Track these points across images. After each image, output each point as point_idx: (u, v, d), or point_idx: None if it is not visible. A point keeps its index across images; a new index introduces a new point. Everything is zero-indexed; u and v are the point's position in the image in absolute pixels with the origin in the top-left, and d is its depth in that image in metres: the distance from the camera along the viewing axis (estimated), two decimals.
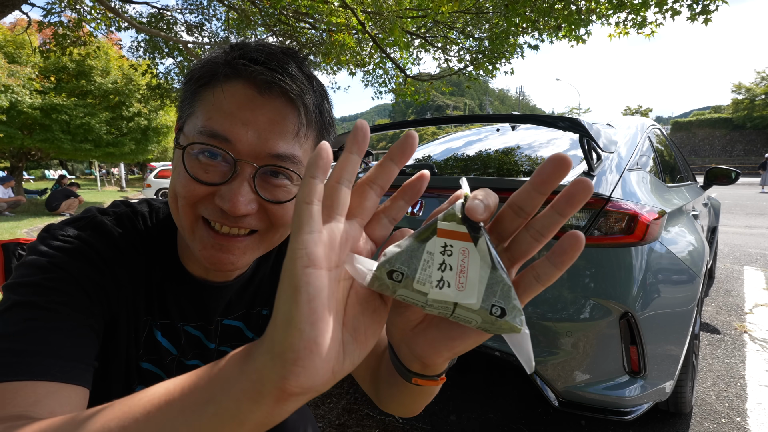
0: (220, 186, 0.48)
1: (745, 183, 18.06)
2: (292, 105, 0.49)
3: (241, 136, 0.47)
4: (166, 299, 0.60)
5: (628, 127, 1.96)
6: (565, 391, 1.30)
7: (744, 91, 31.41)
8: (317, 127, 0.52)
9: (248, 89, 0.47)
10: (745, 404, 1.83)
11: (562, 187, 0.33)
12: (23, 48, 10.43)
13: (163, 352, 0.62)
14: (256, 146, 0.48)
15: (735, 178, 2.88)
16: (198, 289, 0.62)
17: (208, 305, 0.64)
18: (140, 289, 0.58)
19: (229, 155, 0.47)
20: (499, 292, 0.27)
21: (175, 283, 0.61)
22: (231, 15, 6.45)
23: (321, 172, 0.26)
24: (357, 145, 0.29)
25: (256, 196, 0.49)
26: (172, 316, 0.61)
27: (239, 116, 0.47)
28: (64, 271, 0.49)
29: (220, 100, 0.47)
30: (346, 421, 1.73)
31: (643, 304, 1.27)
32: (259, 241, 0.54)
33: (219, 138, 0.47)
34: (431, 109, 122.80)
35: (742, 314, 2.93)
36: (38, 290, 0.47)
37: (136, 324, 0.58)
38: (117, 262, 0.55)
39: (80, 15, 5.60)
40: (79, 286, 0.49)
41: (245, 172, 0.48)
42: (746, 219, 7.80)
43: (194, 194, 0.49)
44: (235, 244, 0.51)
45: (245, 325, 0.69)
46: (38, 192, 14.24)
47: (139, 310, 0.58)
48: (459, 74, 6.13)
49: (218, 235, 0.50)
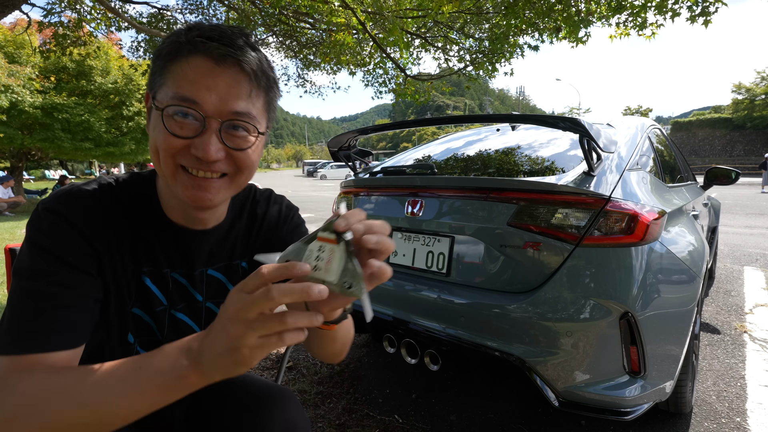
0: (194, 139, 0.60)
1: (746, 183, 18.06)
2: (243, 72, 0.61)
3: (207, 99, 0.59)
4: (152, 247, 0.71)
5: (628, 127, 1.96)
6: (565, 391, 1.30)
7: (744, 91, 31.36)
8: (265, 87, 0.65)
9: (207, 62, 0.59)
10: (745, 404, 1.83)
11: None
12: (23, 48, 10.42)
13: (153, 299, 0.72)
14: (219, 106, 0.59)
15: (735, 178, 2.88)
16: (180, 235, 0.73)
17: (191, 250, 0.75)
18: (125, 241, 0.68)
19: (199, 113, 0.59)
20: (349, 274, 0.44)
21: (158, 230, 0.72)
22: (231, 15, 6.45)
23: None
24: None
25: (223, 146, 0.62)
26: (158, 262, 0.72)
27: (203, 83, 0.58)
28: (52, 254, 0.59)
29: (186, 71, 0.59)
30: (346, 421, 1.73)
31: (643, 304, 1.27)
32: (229, 182, 0.66)
33: (189, 101, 0.58)
34: (431, 109, 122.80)
35: (742, 314, 2.93)
36: (39, 275, 0.58)
37: (125, 273, 0.69)
38: (99, 225, 0.64)
39: (80, 15, 5.59)
40: (68, 263, 0.60)
41: (212, 126, 0.60)
42: (746, 219, 7.80)
43: (173, 147, 0.60)
44: (210, 184, 0.64)
45: (227, 279, 0.81)
46: (38, 192, 14.23)
47: (126, 260, 0.68)
48: (459, 74, 6.12)
49: (196, 178, 0.62)
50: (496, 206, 1.48)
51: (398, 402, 1.88)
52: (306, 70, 7.56)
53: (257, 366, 2.22)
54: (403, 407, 1.83)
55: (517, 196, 1.45)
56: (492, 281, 1.49)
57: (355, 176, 2.15)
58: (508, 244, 1.44)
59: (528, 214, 1.42)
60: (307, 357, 2.33)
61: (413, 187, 1.77)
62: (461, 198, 1.59)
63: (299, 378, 2.09)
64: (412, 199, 1.72)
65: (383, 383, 2.05)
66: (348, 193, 2.09)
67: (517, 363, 1.33)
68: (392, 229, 1.80)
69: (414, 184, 1.79)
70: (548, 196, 1.40)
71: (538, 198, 1.42)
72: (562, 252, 1.35)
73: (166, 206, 0.71)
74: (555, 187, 1.40)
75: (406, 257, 1.73)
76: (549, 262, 1.37)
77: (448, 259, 1.60)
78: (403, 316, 1.62)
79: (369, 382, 2.07)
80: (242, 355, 0.43)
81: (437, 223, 1.63)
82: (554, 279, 1.34)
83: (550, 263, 1.37)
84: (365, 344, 2.50)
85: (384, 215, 1.84)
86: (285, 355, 1.28)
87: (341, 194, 2.16)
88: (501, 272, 1.48)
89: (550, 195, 1.40)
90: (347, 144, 2.11)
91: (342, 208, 0.47)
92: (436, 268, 1.63)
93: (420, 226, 1.69)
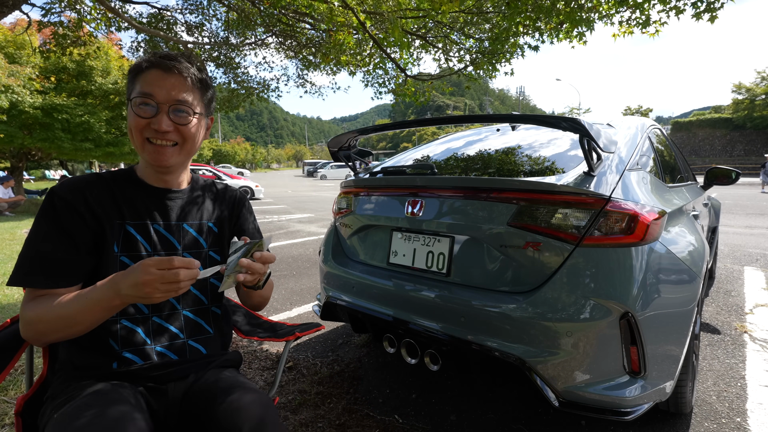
0: (152, 118, 0.93)
1: (746, 183, 18.05)
2: (182, 77, 0.94)
3: (158, 93, 0.92)
4: (134, 203, 0.98)
5: (629, 127, 1.95)
6: (565, 391, 1.30)
7: (744, 91, 31.33)
8: (198, 87, 0.98)
9: (160, 72, 0.93)
10: (746, 404, 1.83)
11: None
12: (23, 48, 10.41)
13: (138, 246, 0.96)
14: (167, 97, 0.93)
15: (735, 178, 2.88)
16: (155, 192, 1.02)
17: (165, 205, 1.03)
18: (110, 201, 0.96)
19: (153, 102, 0.92)
20: (234, 269, 0.87)
21: (137, 188, 1.00)
22: (231, 16, 6.45)
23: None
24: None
25: (172, 122, 0.94)
26: (140, 215, 0.98)
27: (156, 83, 0.92)
28: (53, 222, 0.90)
29: (146, 77, 0.93)
30: (346, 421, 1.72)
31: (643, 304, 1.27)
32: (180, 150, 0.98)
33: (147, 95, 0.92)
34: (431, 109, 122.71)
35: (743, 314, 2.93)
36: (45, 237, 0.89)
37: (112, 227, 0.94)
38: (86, 197, 0.93)
39: (80, 15, 5.59)
40: (64, 228, 0.89)
41: (163, 110, 0.93)
42: (746, 219, 7.80)
43: (140, 124, 0.93)
44: (166, 150, 0.96)
45: (198, 234, 1.07)
46: (38, 192, 14.23)
47: (112, 217, 0.95)
48: (459, 75, 6.12)
49: (157, 146, 0.95)
50: (497, 206, 1.48)
51: (398, 402, 1.88)
52: (306, 70, 7.56)
53: (257, 366, 2.22)
54: (403, 407, 1.83)
55: (517, 196, 1.45)
56: (492, 281, 1.49)
57: (355, 176, 2.15)
58: (508, 244, 1.44)
59: (528, 214, 1.42)
60: (307, 357, 2.33)
61: (413, 187, 1.77)
62: (461, 198, 1.59)
63: (299, 378, 2.09)
64: (412, 199, 1.72)
65: (383, 383, 2.05)
66: (348, 193, 2.09)
67: (517, 363, 1.33)
68: (392, 228, 1.81)
69: (414, 184, 1.79)
70: (548, 196, 1.40)
71: (539, 198, 1.41)
72: (562, 252, 1.35)
73: (142, 174, 1.02)
74: (555, 187, 1.40)
75: (406, 257, 1.73)
76: (549, 262, 1.37)
77: (448, 259, 1.60)
78: (404, 316, 1.62)
79: (369, 382, 2.07)
80: (146, 293, 0.76)
81: (437, 223, 1.63)
82: (554, 279, 1.34)
83: (551, 263, 1.37)
84: (365, 344, 2.50)
85: (384, 215, 1.84)
86: (283, 356, 1.28)
87: (341, 194, 2.16)
88: (501, 272, 1.48)
89: (551, 195, 1.40)
90: (347, 144, 2.11)
91: (266, 243, 0.92)
92: (437, 268, 1.63)
93: (420, 226, 1.69)
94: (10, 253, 5.02)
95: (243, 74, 7.74)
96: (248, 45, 7.19)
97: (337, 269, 1.97)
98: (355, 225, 2.01)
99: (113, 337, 0.93)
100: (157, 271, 0.74)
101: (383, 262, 1.84)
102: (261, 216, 9.33)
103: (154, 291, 0.75)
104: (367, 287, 1.80)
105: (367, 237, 1.98)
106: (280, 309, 3.15)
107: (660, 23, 4.10)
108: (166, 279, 0.75)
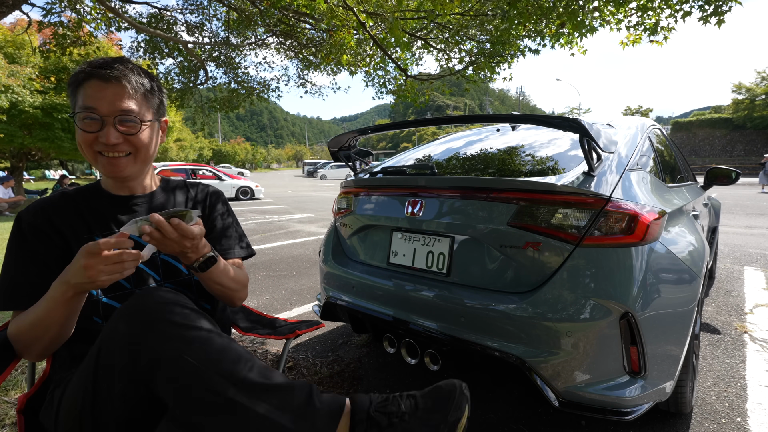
0: (99, 132, 0.91)
1: (746, 183, 18.05)
2: (122, 85, 0.92)
3: (101, 105, 0.90)
4: (101, 214, 1.01)
5: (629, 128, 1.95)
6: (565, 391, 1.30)
7: (744, 91, 31.30)
8: (142, 92, 0.96)
9: (99, 82, 0.90)
10: (746, 404, 1.83)
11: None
12: (23, 48, 10.41)
13: None
14: (110, 109, 0.91)
15: (735, 178, 2.88)
16: (118, 200, 1.04)
17: (132, 209, 1.05)
18: (74, 218, 0.97)
19: (97, 115, 0.90)
20: (141, 221, 0.86)
21: (101, 200, 1.03)
22: (231, 16, 6.44)
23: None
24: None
25: (120, 134, 0.93)
26: (108, 226, 1.00)
27: (97, 95, 0.90)
28: (22, 247, 0.94)
29: (86, 90, 0.90)
30: None
31: (643, 304, 1.27)
32: (134, 159, 0.98)
33: (90, 109, 0.90)
34: (431, 109, 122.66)
35: (743, 314, 2.93)
36: (17, 261, 0.93)
37: (80, 242, 0.92)
38: (49, 217, 0.95)
39: (80, 15, 5.59)
40: (33, 250, 0.93)
41: (109, 122, 0.91)
42: (747, 219, 7.80)
43: (87, 139, 0.92)
44: (119, 161, 0.96)
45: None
46: (38, 192, 14.21)
47: (79, 231, 0.97)
48: (458, 76, 6.11)
49: (109, 158, 0.94)
50: (497, 206, 1.48)
51: None
52: (306, 70, 7.56)
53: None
54: None
55: (517, 196, 1.45)
56: (492, 281, 1.49)
57: (355, 176, 2.15)
58: (508, 244, 1.44)
59: (528, 214, 1.42)
60: (307, 357, 2.33)
61: (413, 187, 1.77)
62: (461, 198, 1.59)
63: (299, 378, 2.09)
64: (412, 199, 1.72)
65: (383, 383, 2.05)
66: (348, 193, 2.09)
67: (517, 363, 1.33)
68: (392, 228, 1.81)
69: (414, 184, 1.79)
70: (548, 196, 1.40)
71: (539, 198, 1.41)
72: (562, 252, 1.35)
73: (106, 185, 1.05)
74: (555, 187, 1.40)
75: (406, 257, 1.73)
76: (549, 262, 1.37)
77: (448, 260, 1.60)
78: (404, 316, 1.62)
79: (369, 382, 2.07)
80: (89, 276, 0.77)
81: (437, 223, 1.63)
82: (554, 279, 1.34)
83: (551, 263, 1.37)
84: (365, 344, 2.50)
85: (384, 215, 1.84)
86: (283, 355, 1.28)
87: (341, 194, 2.16)
88: (501, 272, 1.48)
89: (551, 195, 1.40)
90: (347, 144, 2.11)
91: (195, 215, 0.90)
92: (437, 269, 1.63)
93: (420, 226, 1.69)
94: None
95: (243, 74, 7.75)
96: (248, 45, 7.19)
97: (337, 269, 1.97)
98: (355, 225, 2.01)
99: (98, 315, 0.97)
100: (97, 253, 0.76)
101: (383, 262, 1.84)
102: (261, 216, 9.33)
103: (99, 274, 0.77)
104: (367, 287, 1.80)
105: (367, 237, 1.98)
106: (280, 309, 3.15)
107: (668, 29, 4.02)
108: (109, 261, 0.76)
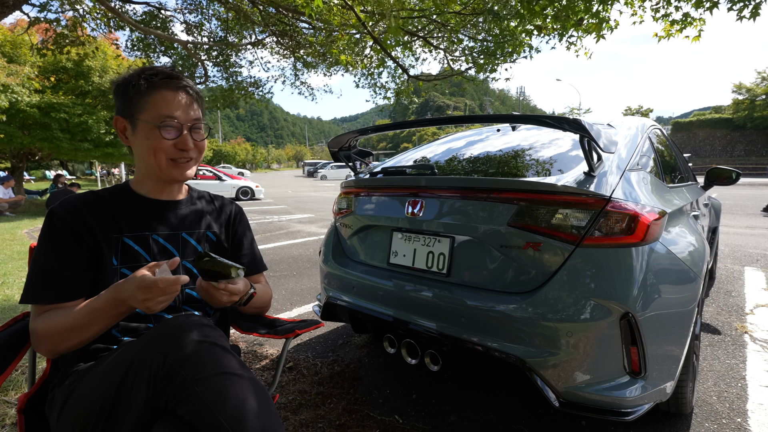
0: (176, 140, 1.00)
1: (746, 183, 18.05)
2: (189, 95, 1.03)
3: (180, 115, 1.00)
4: (131, 216, 1.03)
5: (629, 128, 1.95)
6: (566, 391, 1.30)
7: (745, 91, 31.28)
8: (198, 101, 1.06)
9: (170, 92, 0.99)
10: (746, 405, 1.83)
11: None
12: (20, 48, 10.41)
13: (138, 257, 1.01)
14: (187, 118, 1.01)
15: (735, 178, 2.88)
16: (153, 204, 1.07)
17: (165, 215, 1.08)
18: (105, 218, 0.99)
19: (178, 123, 1.00)
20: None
21: (134, 202, 1.05)
22: (229, 15, 6.43)
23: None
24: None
25: (192, 140, 1.03)
26: (138, 227, 1.03)
27: (175, 105, 0.99)
28: (55, 242, 0.94)
29: (161, 98, 0.98)
30: (346, 421, 1.72)
31: (643, 304, 1.27)
32: (194, 162, 1.07)
33: (171, 117, 0.98)
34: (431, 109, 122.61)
35: (743, 315, 2.93)
36: (49, 256, 0.94)
37: (109, 242, 0.98)
38: (83, 216, 0.97)
39: (80, 15, 5.58)
40: (65, 247, 0.94)
41: (186, 129, 1.01)
42: (747, 219, 7.80)
43: (165, 146, 0.99)
44: (188, 165, 1.05)
45: (197, 243, 1.13)
46: (39, 192, 14.23)
47: (109, 231, 0.99)
48: (458, 76, 6.11)
49: (180, 163, 1.03)
50: (497, 206, 1.48)
51: (398, 402, 1.87)
52: (302, 71, 7.55)
53: (257, 366, 2.22)
54: (403, 407, 1.83)
55: (517, 196, 1.45)
56: (492, 281, 1.49)
57: (356, 176, 2.15)
58: (508, 244, 1.44)
59: (528, 214, 1.41)
60: (307, 357, 2.33)
61: (413, 188, 1.77)
62: (462, 198, 1.59)
63: (299, 378, 2.09)
64: (412, 199, 1.72)
65: (384, 383, 2.05)
66: (348, 193, 2.09)
67: (518, 363, 1.33)
68: (392, 229, 1.81)
69: (414, 184, 1.79)
70: (549, 197, 1.40)
71: (539, 198, 1.41)
72: (562, 252, 1.35)
73: (140, 188, 1.07)
74: (555, 187, 1.39)
75: (407, 258, 1.73)
76: (549, 262, 1.37)
77: (448, 260, 1.60)
78: (404, 316, 1.62)
79: (369, 382, 2.06)
80: (149, 308, 0.84)
81: (437, 223, 1.62)
82: (555, 279, 1.34)
83: (551, 263, 1.36)
84: (365, 345, 2.50)
85: (384, 215, 1.84)
86: (283, 354, 1.28)
87: (341, 194, 2.16)
88: (501, 272, 1.48)
89: (551, 195, 1.40)
90: (347, 144, 2.11)
91: (239, 273, 0.96)
92: (437, 269, 1.63)
93: (420, 227, 1.69)
94: (10, 253, 5.02)
95: (238, 73, 7.73)
96: (246, 45, 7.18)
97: (338, 269, 1.97)
98: (355, 225, 2.01)
99: (115, 326, 0.98)
100: (152, 287, 0.82)
101: (383, 262, 1.84)
102: (261, 216, 9.33)
103: (156, 305, 0.84)
104: (367, 287, 1.80)
105: (367, 237, 1.97)
106: (280, 309, 3.15)
107: (702, 21, 3.90)
108: (165, 292, 0.83)
